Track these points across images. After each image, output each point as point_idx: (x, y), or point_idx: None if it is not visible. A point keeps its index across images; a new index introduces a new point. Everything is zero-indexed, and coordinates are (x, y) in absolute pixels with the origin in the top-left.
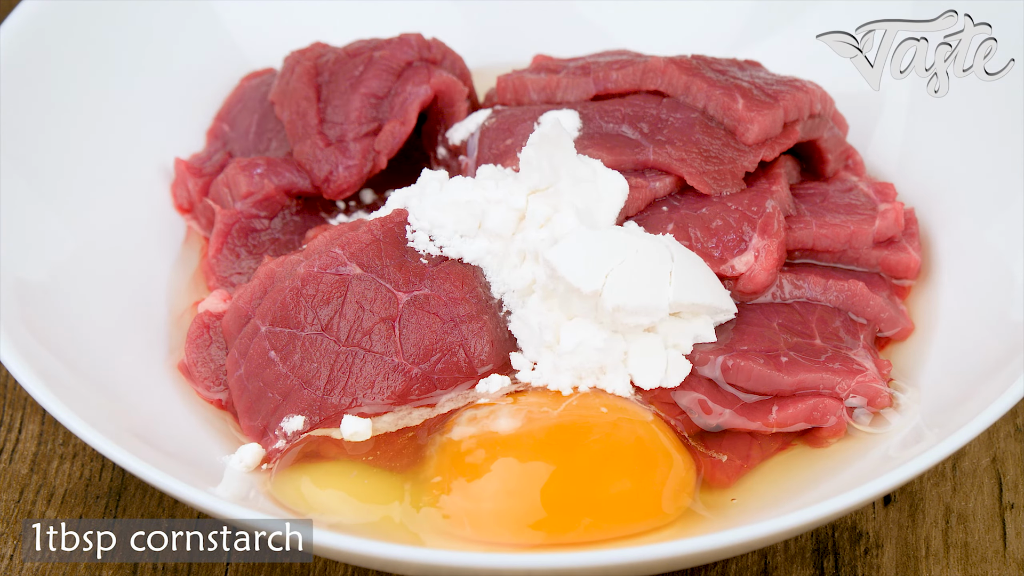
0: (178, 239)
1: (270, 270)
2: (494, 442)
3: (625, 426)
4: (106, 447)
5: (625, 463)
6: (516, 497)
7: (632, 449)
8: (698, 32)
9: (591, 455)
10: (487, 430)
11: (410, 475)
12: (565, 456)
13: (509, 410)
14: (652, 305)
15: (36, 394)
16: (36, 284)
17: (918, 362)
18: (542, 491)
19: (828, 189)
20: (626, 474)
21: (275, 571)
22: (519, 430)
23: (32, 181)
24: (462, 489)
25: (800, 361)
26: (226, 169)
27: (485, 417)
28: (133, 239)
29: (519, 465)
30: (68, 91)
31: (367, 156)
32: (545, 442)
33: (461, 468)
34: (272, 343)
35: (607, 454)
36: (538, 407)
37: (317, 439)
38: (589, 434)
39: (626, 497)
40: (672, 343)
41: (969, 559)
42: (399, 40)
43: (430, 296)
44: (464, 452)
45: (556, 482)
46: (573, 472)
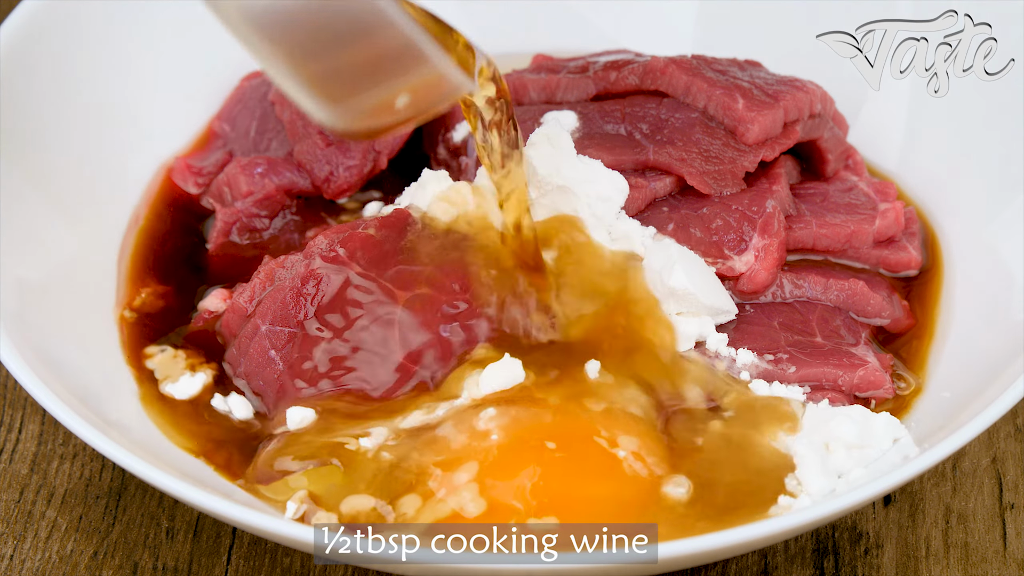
0: None
1: (270, 269)
2: (480, 440)
3: (609, 428)
4: (106, 447)
5: (602, 467)
6: (523, 493)
7: (609, 452)
8: (698, 32)
9: (591, 450)
10: (473, 428)
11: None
12: (547, 455)
13: (504, 409)
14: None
15: (36, 394)
16: (36, 284)
17: (919, 361)
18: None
19: (828, 189)
20: (602, 478)
21: (275, 571)
22: (506, 431)
23: (32, 181)
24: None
25: (801, 358)
26: (226, 168)
27: (471, 417)
28: None
29: (504, 464)
30: (68, 91)
31: (367, 156)
32: (529, 440)
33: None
34: (272, 342)
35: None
36: (525, 409)
37: (310, 438)
38: (588, 430)
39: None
40: None
41: (969, 559)
42: None
43: (431, 294)
44: (463, 451)
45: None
46: (555, 472)
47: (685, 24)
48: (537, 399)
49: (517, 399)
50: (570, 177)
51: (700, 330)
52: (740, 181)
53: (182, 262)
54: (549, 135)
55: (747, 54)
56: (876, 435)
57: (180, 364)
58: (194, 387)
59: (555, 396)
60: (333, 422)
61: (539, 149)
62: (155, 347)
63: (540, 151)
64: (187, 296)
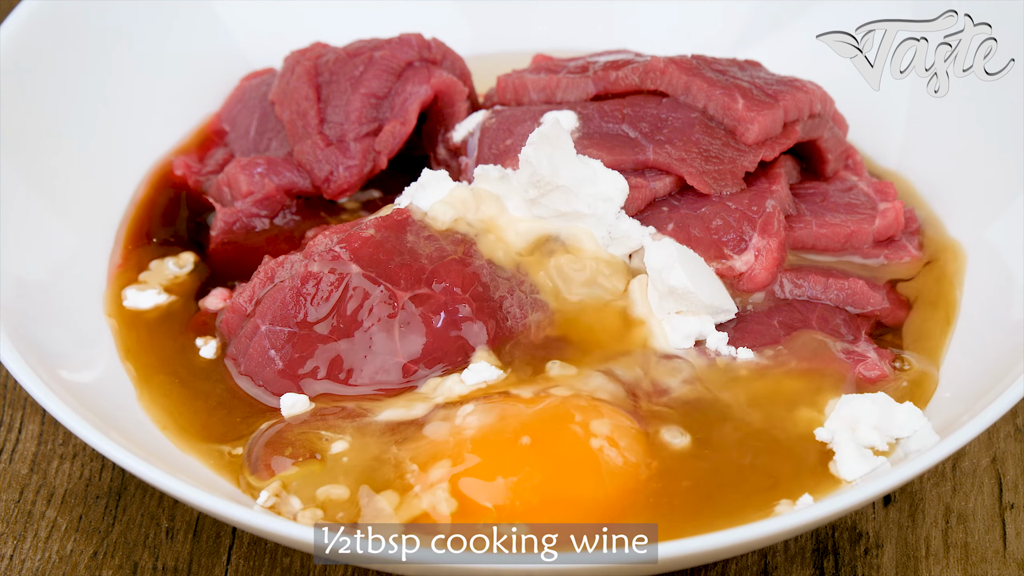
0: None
1: (270, 269)
2: (468, 439)
3: (597, 426)
4: (106, 447)
5: (590, 463)
6: (498, 491)
7: (596, 450)
8: (698, 32)
9: (569, 449)
10: (462, 427)
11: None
12: (543, 451)
13: (485, 407)
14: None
15: (36, 394)
16: (36, 284)
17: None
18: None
19: (828, 189)
20: (589, 473)
21: (275, 571)
22: (492, 427)
23: (32, 181)
24: (440, 484)
25: (799, 357)
26: (226, 168)
27: (461, 415)
28: None
29: (499, 460)
30: (68, 91)
31: (367, 156)
32: (521, 437)
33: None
34: (272, 342)
35: (575, 453)
36: (512, 405)
37: (310, 435)
38: (567, 429)
39: (589, 496)
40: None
41: (969, 559)
42: (399, 40)
43: (431, 295)
44: (441, 448)
45: (537, 476)
46: (552, 466)
47: (685, 24)
48: (514, 396)
49: (495, 396)
50: (570, 177)
51: (700, 329)
52: (740, 181)
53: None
54: (549, 135)
55: (747, 54)
56: (898, 423)
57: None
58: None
59: (530, 392)
60: (324, 417)
61: (539, 149)
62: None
63: (540, 151)
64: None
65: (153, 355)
